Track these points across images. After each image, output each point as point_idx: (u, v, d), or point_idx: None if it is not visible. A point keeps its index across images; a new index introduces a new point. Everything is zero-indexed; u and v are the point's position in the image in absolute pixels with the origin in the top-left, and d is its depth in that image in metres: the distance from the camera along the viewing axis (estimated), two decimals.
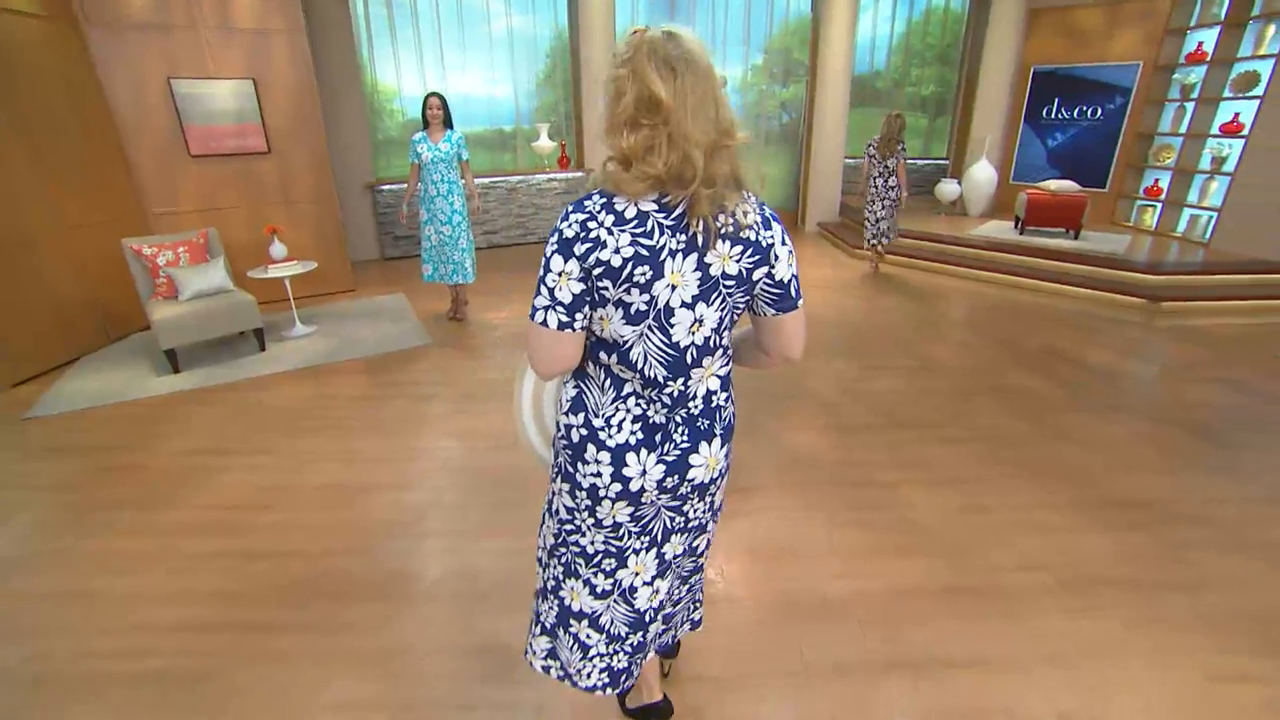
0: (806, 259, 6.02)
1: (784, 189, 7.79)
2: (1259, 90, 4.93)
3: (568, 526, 1.25)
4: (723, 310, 1.13)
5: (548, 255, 1.06)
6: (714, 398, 1.22)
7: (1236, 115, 5.22)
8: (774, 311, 1.16)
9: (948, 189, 6.99)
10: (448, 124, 3.93)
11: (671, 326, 1.11)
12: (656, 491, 1.20)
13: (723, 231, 1.08)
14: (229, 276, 3.96)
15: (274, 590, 1.89)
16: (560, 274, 1.05)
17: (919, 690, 1.55)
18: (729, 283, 1.11)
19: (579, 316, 1.08)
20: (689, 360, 1.15)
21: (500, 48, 6.37)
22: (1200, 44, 5.61)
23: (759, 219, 1.12)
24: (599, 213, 1.04)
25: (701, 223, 1.06)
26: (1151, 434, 2.76)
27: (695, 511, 1.27)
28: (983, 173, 6.89)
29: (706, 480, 1.24)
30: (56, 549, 2.09)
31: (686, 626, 1.47)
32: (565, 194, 6.68)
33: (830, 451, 2.61)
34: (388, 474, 2.50)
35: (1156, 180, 5.98)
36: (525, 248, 6.53)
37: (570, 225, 1.04)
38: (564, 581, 1.29)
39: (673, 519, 1.25)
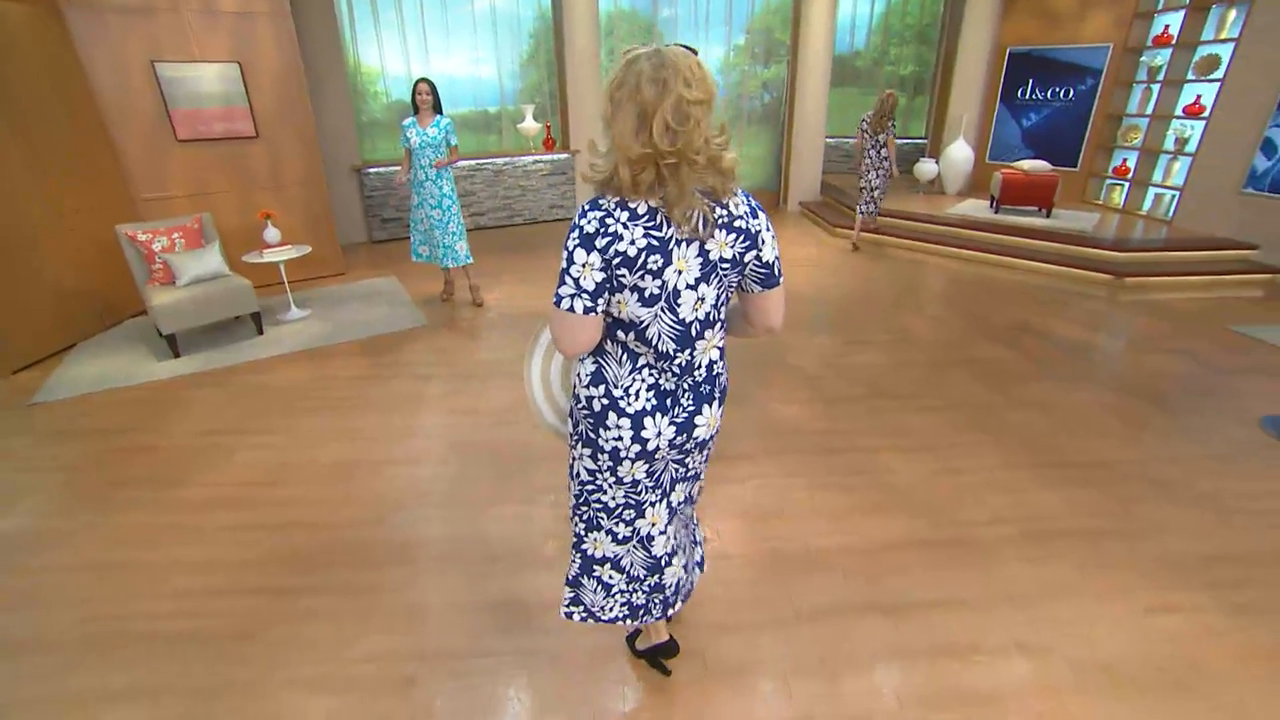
0: (789, 238, 6.19)
1: (765, 169, 7.94)
2: (1219, 74, 5.15)
3: (589, 487, 1.43)
4: (720, 289, 1.30)
5: (570, 249, 1.22)
6: (715, 366, 1.40)
7: (1198, 97, 5.44)
8: (760, 288, 1.33)
9: (926, 168, 7.17)
10: (437, 109, 4.02)
11: (679, 306, 1.29)
12: (669, 449, 1.39)
13: (720, 222, 1.24)
14: (225, 261, 4.08)
15: (296, 558, 2.04)
16: (584, 265, 1.21)
17: (896, 630, 1.74)
18: (725, 265, 1.27)
19: (600, 302, 1.24)
20: (694, 334, 1.33)
21: (484, 28, 6.41)
22: (1166, 27, 5.82)
23: (747, 209, 1.29)
24: (615, 210, 1.21)
25: (700, 215, 1.23)
26: (1111, 401, 2.96)
27: (694, 463, 1.47)
28: (960, 152, 7.08)
29: (707, 437, 1.43)
30: (83, 525, 2.22)
31: (696, 571, 1.65)
32: (551, 175, 6.78)
33: (814, 421, 2.79)
34: (393, 450, 2.65)
35: (1124, 160, 6.20)
36: (512, 229, 6.64)
37: (590, 221, 1.21)
38: (586, 535, 1.49)
39: (678, 470, 1.45)
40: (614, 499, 1.45)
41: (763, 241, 1.30)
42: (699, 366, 1.38)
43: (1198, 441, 2.64)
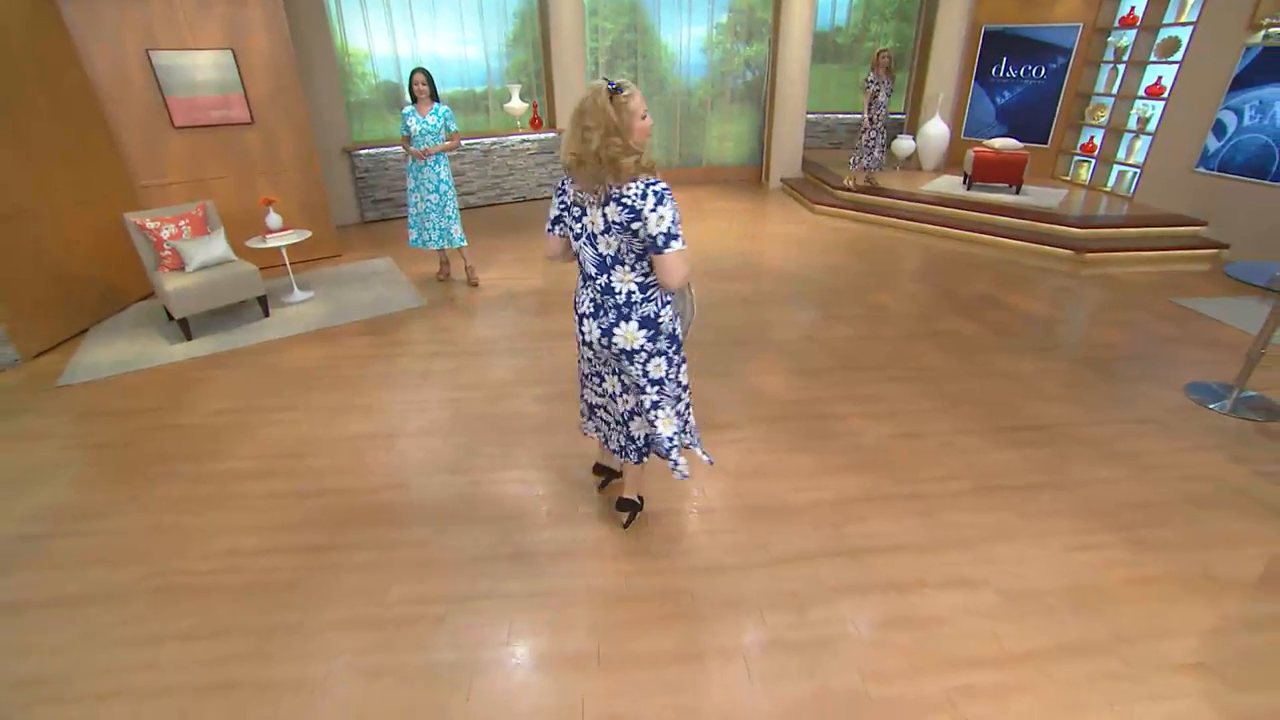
0: (770, 216, 6.45)
1: (748, 146, 8.17)
2: (1178, 56, 5.43)
3: (578, 359, 2.27)
4: (618, 240, 1.96)
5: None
6: (634, 296, 2.04)
7: (1159, 78, 5.73)
8: (654, 252, 1.92)
9: (903, 144, 7.44)
10: (434, 97, 4.22)
11: (597, 244, 2.02)
12: (600, 345, 2.11)
13: (612, 197, 1.92)
14: (229, 247, 4.31)
15: (331, 521, 2.30)
16: (553, 205, 2.09)
17: (856, 569, 2.05)
18: (616, 225, 1.94)
19: (558, 227, 2.09)
20: (608, 264, 2.04)
21: (469, 8, 6.55)
22: (1132, 8, 6.09)
23: (638, 192, 1.89)
24: (567, 180, 2.05)
25: (602, 191, 1.94)
26: (1061, 369, 3.28)
27: (633, 372, 2.12)
28: (936, 129, 7.35)
29: (628, 348, 2.07)
30: (129, 496, 2.46)
31: (633, 456, 2.29)
32: (539, 154, 6.99)
33: (793, 391, 3.09)
34: (406, 423, 2.91)
35: (1092, 138, 6.50)
36: (501, 208, 6.84)
37: (559, 184, 2.09)
38: (582, 388, 2.36)
39: (617, 366, 2.15)
40: (585, 369, 2.25)
41: (644, 218, 1.90)
42: (619, 292, 2.04)
43: (1126, 405, 2.97)
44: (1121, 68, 6.06)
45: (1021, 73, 6.88)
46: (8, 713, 1.69)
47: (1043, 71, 6.74)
